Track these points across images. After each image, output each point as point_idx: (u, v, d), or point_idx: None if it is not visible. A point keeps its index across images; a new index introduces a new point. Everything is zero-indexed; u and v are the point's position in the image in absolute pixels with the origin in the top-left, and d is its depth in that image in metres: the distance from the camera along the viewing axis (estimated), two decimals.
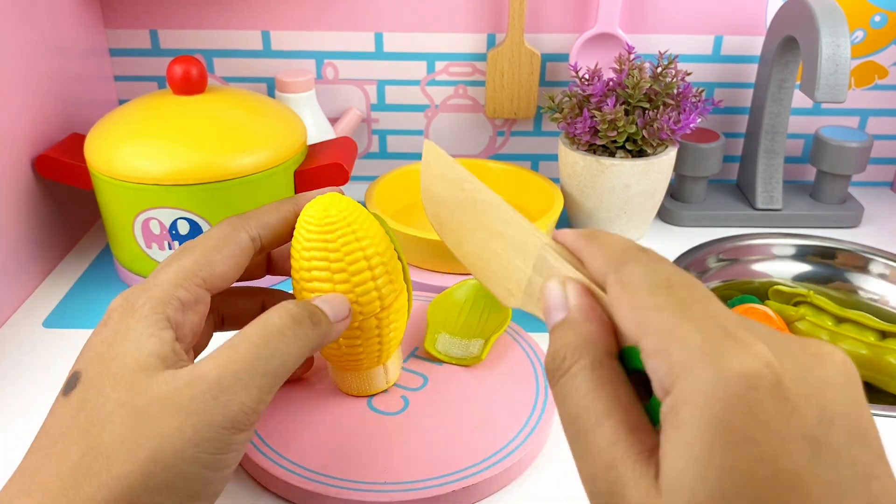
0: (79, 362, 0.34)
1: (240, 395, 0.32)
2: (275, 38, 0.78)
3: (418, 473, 0.42)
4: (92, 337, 0.35)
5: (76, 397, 0.32)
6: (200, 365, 0.33)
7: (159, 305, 0.34)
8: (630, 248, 0.28)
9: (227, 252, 0.38)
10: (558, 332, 0.28)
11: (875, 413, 0.50)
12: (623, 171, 0.66)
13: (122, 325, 0.34)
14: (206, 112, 0.60)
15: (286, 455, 0.43)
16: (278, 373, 0.33)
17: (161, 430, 0.30)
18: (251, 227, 0.39)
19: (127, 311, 0.34)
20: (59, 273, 0.66)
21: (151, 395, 0.31)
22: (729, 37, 0.78)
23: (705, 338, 0.23)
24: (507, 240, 0.36)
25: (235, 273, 0.38)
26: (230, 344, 0.33)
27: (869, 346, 0.58)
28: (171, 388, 0.31)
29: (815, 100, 0.61)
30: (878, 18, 0.76)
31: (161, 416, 0.31)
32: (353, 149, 0.67)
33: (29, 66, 0.62)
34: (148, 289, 0.35)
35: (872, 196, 0.82)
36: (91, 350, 0.34)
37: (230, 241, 0.38)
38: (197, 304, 0.36)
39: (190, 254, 0.37)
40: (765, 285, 0.70)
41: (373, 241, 0.41)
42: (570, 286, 0.30)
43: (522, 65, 0.76)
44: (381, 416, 0.46)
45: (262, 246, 0.40)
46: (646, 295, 0.25)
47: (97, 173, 0.59)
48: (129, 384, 0.32)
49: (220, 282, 0.37)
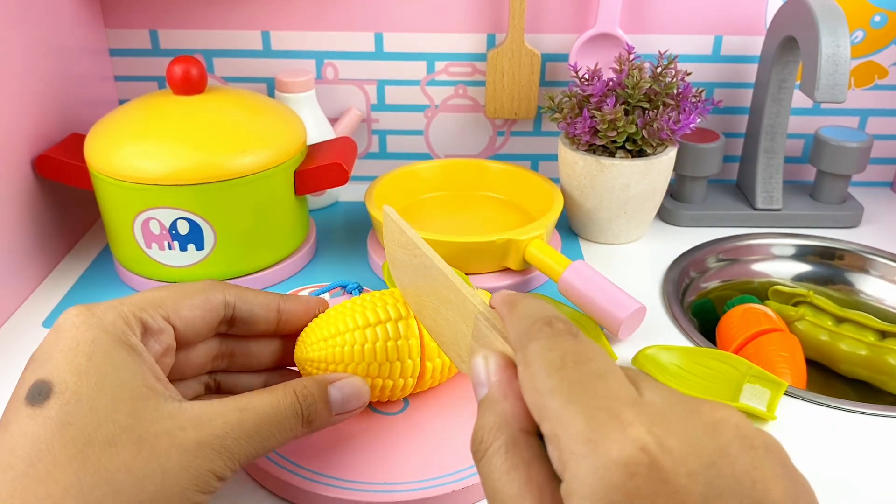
0: (40, 370, 0.31)
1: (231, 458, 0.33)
2: (275, 38, 0.78)
3: (418, 473, 0.42)
4: (49, 345, 0.33)
5: (56, 411, 0.30)
6: (205, 412, 0.33)
7: (127, 325, 0.34)
8: (538, 321, 0.28)
9: (196, 301, 0.38)
10: (480, 411, 0.28)
11: (875, 413, 0.50)
12: (623, 171, 0.66)
13: (97, 340, 0.33)
14: (206, 112, 0.60)
15: (286, 455, 0.43)
16: (263, 451, 0.35)
17: (169, 465, 0.31)
18: (229, 292, 0.40)
19: (94, 327, 0.33)
20: (59, 273, 0.66)
21: (158, 428, 0.31)
22: (729, 37, 0.78)
23: (588, 424, 0.23)
24: (453, 306, 0.36)
25: (200, 325, 0.39)
26: (239, 407, 0.34)
27: (869, 346, 0.58)
28: (176, 426, 0.32)
29: (815, 100, 0.61)
30: (878, 18, 0.76)
31: (169, 452, 0.31)
32: (353, 149, 0.67)
33: (29, 66, 0.62)
34: (114, 308, 0.35)
35: (872, 196, 0.82)
36: (56, 359, 0.32)
37: (203, 293, 0.39)
38: (161, 334, 0.36)
39: (161, 290, 0.38)
40: (764, 285, 0.70)
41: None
42: (491, 361, 0.29)
43: (522, 65, 0.76)
44: (381, 416, 0.46)
45: (234, 317, 0.41)
46: (543, 377, 0.25)
47: (97, 173, 0.59)
48: (132, 410, 0.31)
49: (182, 324, 0.38)
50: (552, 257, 0.59)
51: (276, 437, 0.35)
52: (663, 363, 0.53)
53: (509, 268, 0.63)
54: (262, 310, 0.42)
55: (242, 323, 0.41)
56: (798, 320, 0.61)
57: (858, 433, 0.48)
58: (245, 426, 0.34)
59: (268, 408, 0.35)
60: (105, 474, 0.29)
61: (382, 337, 0.43)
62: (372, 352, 0.42)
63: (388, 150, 0.83)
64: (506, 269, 0.63)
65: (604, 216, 0.69)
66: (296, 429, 0.36)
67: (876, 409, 0.50)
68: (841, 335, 0.60)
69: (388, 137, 0.83)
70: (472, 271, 0.63)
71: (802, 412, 0.50)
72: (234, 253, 0.61)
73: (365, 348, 0.42)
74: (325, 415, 0.38)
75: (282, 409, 0.36)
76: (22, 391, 0.31)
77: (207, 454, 0.32)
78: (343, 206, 0.80)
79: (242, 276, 0.63)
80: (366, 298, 0.45)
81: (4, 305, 0.59)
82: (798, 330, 0.61)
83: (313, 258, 0.69)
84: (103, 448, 0.30)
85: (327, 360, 0.42)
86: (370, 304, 0.44)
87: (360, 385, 0.41)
